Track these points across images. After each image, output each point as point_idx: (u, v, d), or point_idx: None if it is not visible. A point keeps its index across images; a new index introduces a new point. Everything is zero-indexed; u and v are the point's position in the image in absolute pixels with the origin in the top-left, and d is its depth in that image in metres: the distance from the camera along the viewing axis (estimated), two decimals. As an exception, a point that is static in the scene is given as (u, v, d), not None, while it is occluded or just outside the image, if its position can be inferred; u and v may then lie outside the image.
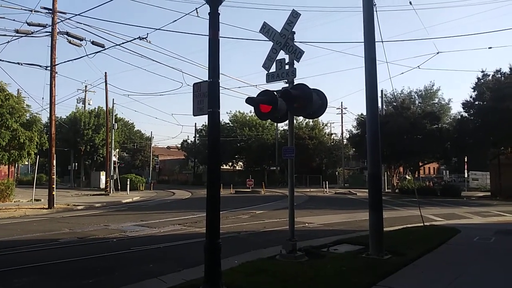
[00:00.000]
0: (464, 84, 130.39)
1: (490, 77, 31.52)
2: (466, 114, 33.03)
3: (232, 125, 58.86)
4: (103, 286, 6.03)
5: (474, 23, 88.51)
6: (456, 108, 78.55)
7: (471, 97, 32.01)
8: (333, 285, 5.55)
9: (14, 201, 22.05)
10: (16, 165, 38.23)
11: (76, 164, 48.43)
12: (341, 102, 67.33)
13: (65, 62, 37.08)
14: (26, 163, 35.95)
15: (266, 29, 8.00)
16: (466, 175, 40.72)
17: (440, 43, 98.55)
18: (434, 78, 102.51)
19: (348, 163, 60.93)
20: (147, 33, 16.12)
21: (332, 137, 60.10)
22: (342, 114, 52.72)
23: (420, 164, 40.63)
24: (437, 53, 20.32)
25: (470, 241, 9.68)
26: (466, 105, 32.42)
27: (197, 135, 62.70)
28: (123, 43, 21.11)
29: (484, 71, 31.80)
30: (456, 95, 78.52)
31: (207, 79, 5.17)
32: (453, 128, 35.35)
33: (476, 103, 31.47)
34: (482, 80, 31.53)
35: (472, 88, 31.85)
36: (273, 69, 7.88)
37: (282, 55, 7.81)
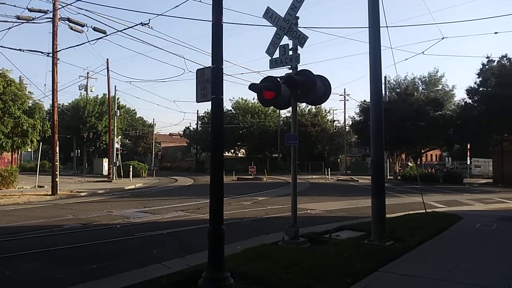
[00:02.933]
0: (469, 70, 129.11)
1: (495, 63, 31.20)
2: (470, 101, 32.81)
3: (234, 112, 58.74)
4: (107, 271, 6.09)
5: (480, 7, 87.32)
6: (460, 95, 78.18)
7: (475, 83, 31.76)
8: (335, 271, 5.58)
9: (18, 188, 22.21)
10: (19, 152, 38.41)
11: (79, 151, 48.60)
12: (344, 89, 67.19)
13: (66, 48, 36.81)
14: (29, 150, 36.05)
15: (269, 14, 7.90)
16: (468, 162, 40.70)
17: (445, 28, 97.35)
18: (438, 64, 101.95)
19: (350, 150, 60.89)
20: (149, 19, 16.01)
21: (334, 124, 59.99)
22: (345, 101, 52.54)
23: (423, 151, 40.59)
24: (442, 38, 20.09)
25: (472, 228, 9.71)
26: (470, 91, 32.17)
27: (199, 122, 62.68)
28: (124, 29, 20.93)
29: (489, 56, 31.52)
30: (461, 81, 78.00)
31: (209, 65, 5.12)
32: (456, 115, 35.18)
33: (481, 89, 31.22)
34: (487, 66, 31.21)
35: (477, 74, 31.58)
36: (276, 55, 7.81)
37: (285, 40, 7.73)
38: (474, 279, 5.52)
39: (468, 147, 38.11)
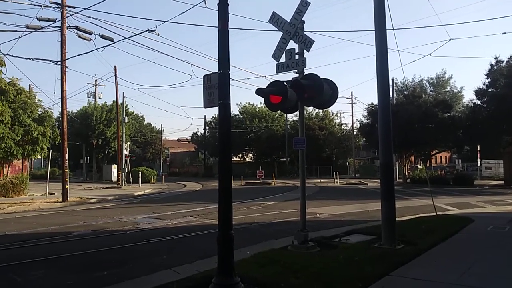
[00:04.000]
0: (477, 71, 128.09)
1: (504, 64, 30.90)
2: (479, 102, 32.52)
3: (241, 116, 58.87)
4: (117, 277, 6.10)
5: (487, 8, 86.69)
6: (469, 96, 77.52)
7: (484, 84, 31.50)
8: (345, 275, 5.54)
9: (29, 195, 22.42)
10: (30, 159, 38.81)
11: (88, 157, 48.99)
12: (351, 92, 66.75)
13: (75, 56, 37.48)
14: (39, 157, 36.43)
15: (275, 19, 7.92)
16: (478, 164, 40.18)
17: (453, 29, 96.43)
18: (446, 66, 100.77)
19: (358, 153, 60.58)
20: (156, 26, 16.14)
21: (342, 127, 59.78)
22: (352, 104, 52.29)
23: (432, 153, 40.22)
24: (449, 40, 19.86)
25: (484, 231, 9.58)
26: (479, 92, 31.90)
27: (207, 127, 62.93)
28: (131, 36, 21.12)
29: (498, 57, 31.23)
30: (469, 82, 77.38)
31: (216, 70, 5.15)
32: (465, 116, 34.85)
33: (490, 90, 30.94)
34: (495, 67, 30.94)
35: (485, 75, 31.32)
36: (282, 59, 7.81)
37: (291, 45, 7.73)
38: (487, 282, 5.45)
39: (478, 149, 37.66)
